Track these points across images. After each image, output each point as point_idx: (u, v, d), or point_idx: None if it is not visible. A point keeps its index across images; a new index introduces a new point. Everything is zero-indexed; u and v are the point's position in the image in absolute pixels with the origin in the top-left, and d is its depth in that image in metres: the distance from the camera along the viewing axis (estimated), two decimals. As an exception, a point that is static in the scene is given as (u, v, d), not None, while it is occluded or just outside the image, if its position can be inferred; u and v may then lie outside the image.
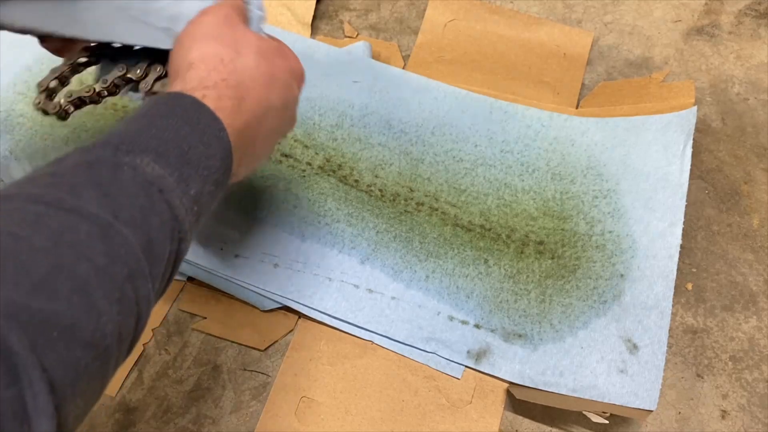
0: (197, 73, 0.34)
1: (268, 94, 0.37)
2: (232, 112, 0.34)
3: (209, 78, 0.34)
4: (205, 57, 0.35)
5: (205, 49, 0.35)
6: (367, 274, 0.55)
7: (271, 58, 0.38)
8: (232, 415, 0.52)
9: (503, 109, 0.61)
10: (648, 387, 0.49)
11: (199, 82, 0.33)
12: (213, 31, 0.36)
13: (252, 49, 0.36)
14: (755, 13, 0.69)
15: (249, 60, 0.36)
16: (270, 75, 0.37)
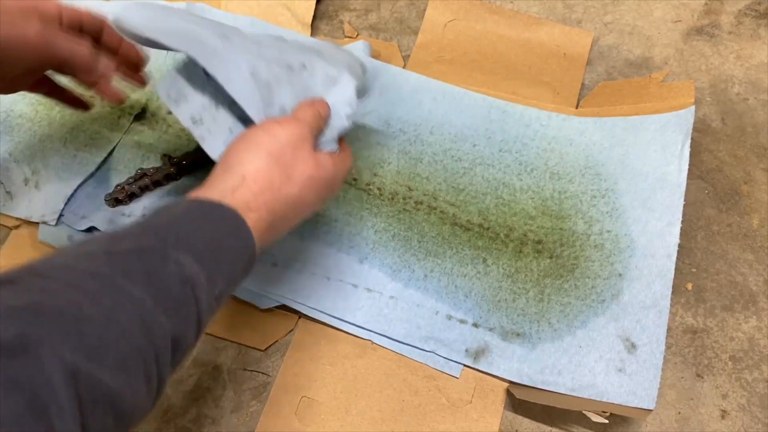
0: (246, 192, 0.37)
1: (298, 217, 0.41)
2: (264, 231, 0.38)
3: (255, 201, 0.37)
4: (258, 177, 0.38)
5: (261, 167, 0.38)
6: (365, 273, 0.55)
7: (318, 188, 0.41)
8: (232, 415, 0.52)
9: (502, 109, 0.61)
10: (646, 386, 0.49)
11: (245, 204, 0.37)
12: (277, 150, 0.39)
13: (303, 179, 0.40)
14: (755, 13, 0.69)
15: (295, 189, 0.40)
16: (309, 204, 0.41)
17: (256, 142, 0.39)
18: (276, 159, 0.39)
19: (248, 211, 0.37)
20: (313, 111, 0.43)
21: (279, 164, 0.39)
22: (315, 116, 0.43)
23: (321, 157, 0.42)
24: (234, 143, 0.40)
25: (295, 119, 0.41)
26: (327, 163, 0.42)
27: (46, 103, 0.62)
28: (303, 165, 0.40)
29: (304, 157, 0.40)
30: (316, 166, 0.41)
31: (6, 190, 0.59)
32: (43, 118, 0.62)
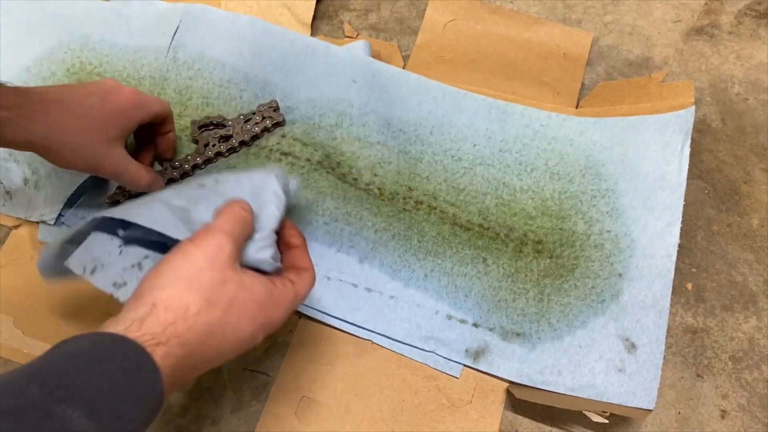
0: (154, 323, 0.33)
1: (220, 350, 0.36)
2: (177, 367, 0.33)
3: (164, 333, 0.33)
4: (169, 304, 0.34)
5: (173, 293, 0.34)
6: (365, 273, 0.55)
7: (248, 311, 0.37)
8: (232, 415, 0.52)
9: (502, 109, 0.61)
10: (646, 386, 0.49)
11: (153, 337, 0.32)
12: (192, 272, 0.35)
13: (225, 302, 0.35)
14: (755, 13, 0.69)
15: (216, 315, 0.35)
16: (239, 331, 0.36)
17: (169, 266, 0.35)
18: (189, 282, 0.35)
19: (156, 345, 0.32)
20: (230, 214, 0.39)
21: (194, 288, 0.34)
22: (233, 219, 0.39)
23: (246, 278, 0.37)
24: (150, 270, 0.36)
25: (209, 230, 0.37)
26: (255, 284, 0.38)
27: (46, 103, 0.62)
28: (224, 285, 0.36)
29: (224, 277, 0.36)
30: (241, 286, 0.36)
31: (6, 189, 0.59)
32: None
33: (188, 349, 0.33)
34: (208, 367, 0.36)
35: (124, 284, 0.41)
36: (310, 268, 0.43)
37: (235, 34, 0.64)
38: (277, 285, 0.39)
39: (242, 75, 0.63)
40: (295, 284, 0.41)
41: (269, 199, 0.43)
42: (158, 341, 0.32)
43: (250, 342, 0.38)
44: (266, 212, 0.42)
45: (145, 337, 0.32)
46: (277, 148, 0.60)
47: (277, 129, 0.61)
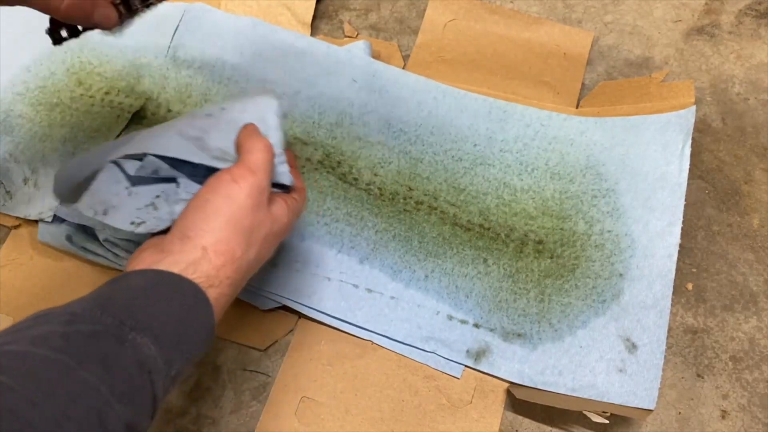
0: (208, 266, 0.36)
1: (253, 269, 0.40)
2: (224, 304, 0.37)
3: (217, 276, 0.36)
4: (218, 249, 0.36)
5: (221, 238, 0.37)
6: (366, 273, 0.55)
7: (273, 243, 0.41)
8: (232, 415, 0.52)
9: (502, 109, 0.61)
10: (647, 386, 0.49)
11: (207, 279, 0.35)
12: (236, 216, 0.37)
13: (260, 240, 0.39)
14: (755, 13, 0.69)
15: (253, 253, 0.38)
16: (263, 261, 0.40)
17: (214, 209, 0.37)
18: (235, 226, 0.37)
19: (210, 287, 0.35)
20: (262, 150, 0.40)
21: (239, 232, 0.37)
22: (267, 158, 0.40)
23: (276, 209, 0.40)
24: (191, 208, 0.38)
25: (250, 170, 0.39)
26: (282, 215, 0.41)
27: (46, 102, 0.62)
28: (261, 225, 0.39)
29: (261, 218, 0.39)
30: (272, 222, 0.40)
31: (6, 189, 0.59)
32: (43, 118, 0.61)
33: (235, 288, 0.37)
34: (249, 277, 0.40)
35: (142, 222, 0.41)
36: (304, 187, 0.46)
37: (236, 34, 0.64)
38: (290, 207, 0.42)
39: (242, 73, 0.63)
40: (299, 204, 0.44)
41: (275, 121, 0.44)
42: (211, 283, 0.35)
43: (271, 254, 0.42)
44: (276, 133, 0.44)
45: (201, 278, 0.35)
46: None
47: None
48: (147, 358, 0.31)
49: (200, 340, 0.35)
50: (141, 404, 0.30)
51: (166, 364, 0.32)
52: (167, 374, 0.32)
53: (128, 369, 0.30)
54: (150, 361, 0.31)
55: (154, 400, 0.31)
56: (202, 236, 0.36)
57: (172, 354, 0.33)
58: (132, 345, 0.31)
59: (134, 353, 0.31)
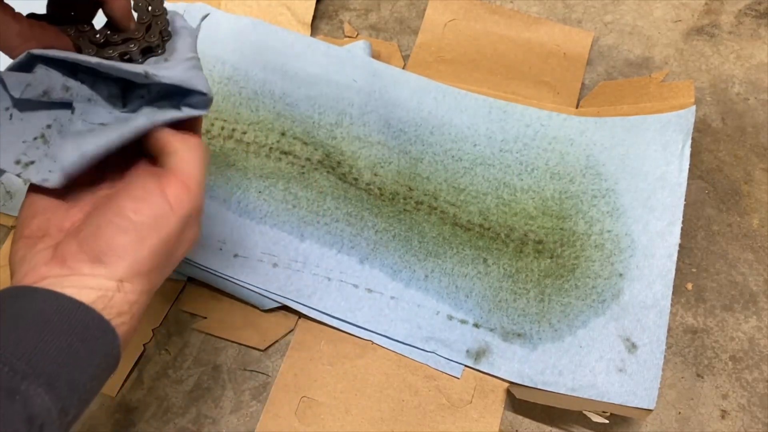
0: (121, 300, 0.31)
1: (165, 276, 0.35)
2: (132, 334, 0.33)
3: (129, 312, 0.32)
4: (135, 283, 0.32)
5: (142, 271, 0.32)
6: (366, 273, 0.55)
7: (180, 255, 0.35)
8: (232, 415, 0.52)
9: (502, 109, 0.61)
10: (647, 386, 0.49)
11: (119, 314, 0.31)
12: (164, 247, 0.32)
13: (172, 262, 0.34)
14: (755, 13, 0.69)
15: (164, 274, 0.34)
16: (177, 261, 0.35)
17: (138, 236, 0.31)
18: (160, 256, 0.32)
19: (121, 323, 0.31)
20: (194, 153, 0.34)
21: (162, 262, 0.33)
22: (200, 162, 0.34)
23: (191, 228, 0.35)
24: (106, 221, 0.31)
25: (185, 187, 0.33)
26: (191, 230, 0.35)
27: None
28: (177, 246, 0.34)
29: (181, 237, 0.34)
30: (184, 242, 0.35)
31: (6, 190, 0.59)
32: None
33: (142, 313, 0.33)
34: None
35: (30, 163, 0.33)
36: (198, 137, 0.37)
37: (236, 34, 0.64)
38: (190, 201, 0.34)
39: (242, 73, 0.63)
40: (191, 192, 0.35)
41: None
42: (123, 320, 0.31)
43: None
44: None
45: (112, 314, 0.31)
46: (277, 147, 0.60)
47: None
48: (40, 411, 0.27)
49: (100, 381, 0.30)
50: None
51: (61, 413, 0.28)
52: (62, 423, 0.28)
53: (17, 428, 0.26)
54: (43, 414, 0.27)
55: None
56: (118, 265, 0.31)
57: (69, 400, 0.28)
58: (23, 398, 0.26)
59: (25, 409, 0.26)
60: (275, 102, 0.62)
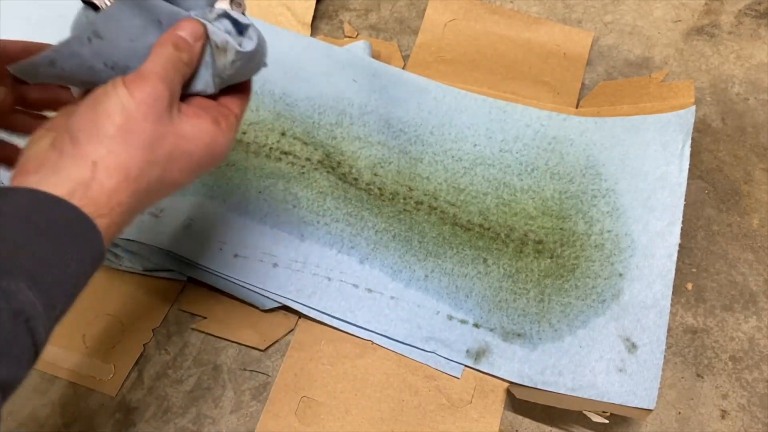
0: (98, 190, 0.30)
1: (159, 199, 0.34)
2: (116, 232, 0.32)
3: (108, 204, 0.31)
4: (110, 165, 0.31)
5: (114, 150, 0.31)
6: (366, 273, 0.55)
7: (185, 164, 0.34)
8: (232, 415, 0.52)
9: (502, 109, 0.61)
10: (647, 386, 0.49)
11: (96, 207, 0.30)
12: (129, 124, 0.31)
13: (163, 159, 0.33)
14: (755, 13, 0.69)
15: (154, 174, 0.32)
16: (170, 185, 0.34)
17: (105, 111, 0.31)
18: (129, 136, 0.31)
19: (99, 216, 0.30)
20: (162, 56, 0.33)
21: (133, 143, 0.31)
22: (169, 61, 0.33)
23: (187, 127, 0.34)
24: (83, 105, 0.32)
25: (141, 77, 0.32)
26: (196, 133, 0.34)
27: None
28: (162, 140, 0.32)
29: (162, 131, 0.32)
30: (180, 138, 0.33)
31: (6, 189, 0.59)
32: (42, 117, 0.62)
33: (130, 213, 0.32)
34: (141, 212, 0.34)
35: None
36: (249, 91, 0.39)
37: (236, 34, 0.64)
38: (221, 126, 0.35)
39: (242, 74, 0.63)
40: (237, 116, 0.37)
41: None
42: (101, 212, 0.30)
43: (184, 185, 0.36)
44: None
45: (89, 207, 0.30)
46: (277, 147, 0.60)
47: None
48: (24, 306, 0.27)
49: (86, 276, 0.30)
50: (18, 357, 0.27)
51: (48, 308, 0.28)
52: (50, 317, 0.28)
53: (1, 323, 0.26)
54: (28, 308, 0.27)
55: (34, 346, 0.28)
56: (92, 143, 0.31)
57: (54, 296, 0.29)
58: (5, 294, 0.27)
59: (8, 304, 0.27)
60: (275, 102, 0.62)
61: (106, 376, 0.53)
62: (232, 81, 0.37)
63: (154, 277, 0.57)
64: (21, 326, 0.27)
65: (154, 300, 0.56)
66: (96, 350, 0.54)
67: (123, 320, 0.55)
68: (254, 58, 0.37)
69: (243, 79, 0.38)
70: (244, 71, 0.37)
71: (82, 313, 0.55)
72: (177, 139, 0.33)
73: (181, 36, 0.34)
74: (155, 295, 0.56)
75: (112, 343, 0.54)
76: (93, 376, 0.53)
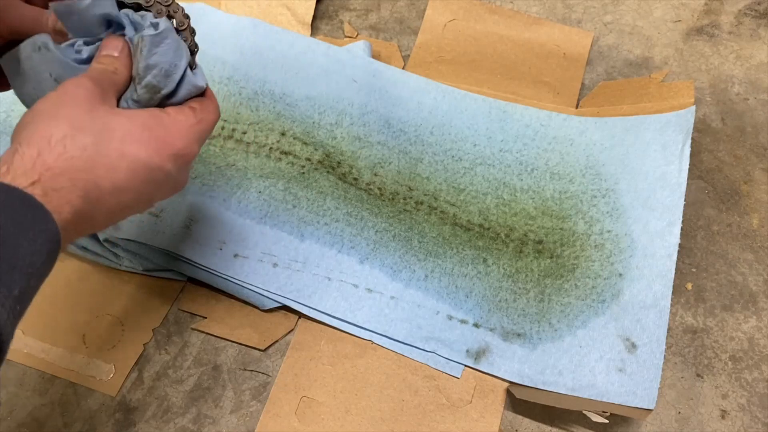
0: (20, 159, 0.31)
1: (115, 178, 0.33)
2: (68, 204, 0.31)
3: (33, 169, 0.30)
4: (32, 139, 0.31)
5: (35, 129, 0.32)
6: (366, 273, 0.55)
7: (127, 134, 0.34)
8: (232, 415, 0.52)
9: (502, 109, 0.61)
10: (646, 386, 0.49)
11: (24, 174, 0.30)
12: (51, 107, 0.33)
13: (95, 128, 0.33)
14: (755, 13, 0.69)
15: (86, 139, 0.32)
16: (120, 156, 0.33)
17: (36, 109, 0.33)
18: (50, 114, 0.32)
19: (31, 184, 0.30)
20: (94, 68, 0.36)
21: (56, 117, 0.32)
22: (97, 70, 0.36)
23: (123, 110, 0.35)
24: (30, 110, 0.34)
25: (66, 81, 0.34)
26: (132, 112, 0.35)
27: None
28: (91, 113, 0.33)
29: (91, 107, 0.33)
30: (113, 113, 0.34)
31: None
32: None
33: (69, 179, 0.31)
34: (116, 198, 0.34)
35: None
36: (212, 96, 0.41)
37: (236, 34, 0.64)
38: (168, 111, 0.37)
39: (242, 73, 0.63)
40: (197, 110, 0.38)
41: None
42: (31, 179, 0.30)
43: (158, 171, 0.35)
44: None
45: (17, 179, 0.30)
46: (277, 147, 0.60)
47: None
48: None
49: (40, 251, 0.30)
50: None
51: (2, 287, 0.28)
52: (8, 296, 0.28)
53: None
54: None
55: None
56: (18, 133, 0.32)
57: (7, 274, 0.28)
58: None
59: None
60: (275, 102, 0.62)
61: (106, 376, 0.53)
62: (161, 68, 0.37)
63: (154, 277, 0.57)
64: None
65: (154, 300, 0.56)
66: (96, 350, 0.54)
67: (123, 320, 0.55)
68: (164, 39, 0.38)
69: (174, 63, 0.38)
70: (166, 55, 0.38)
71: (82, 313, 0.55)
72: (109, 113, 0.34)
73: (102, 54, 0.37)
74: (155, 295, 0.56)
75: (112, 343, 0.54)
76: (93, 376, 0.53)
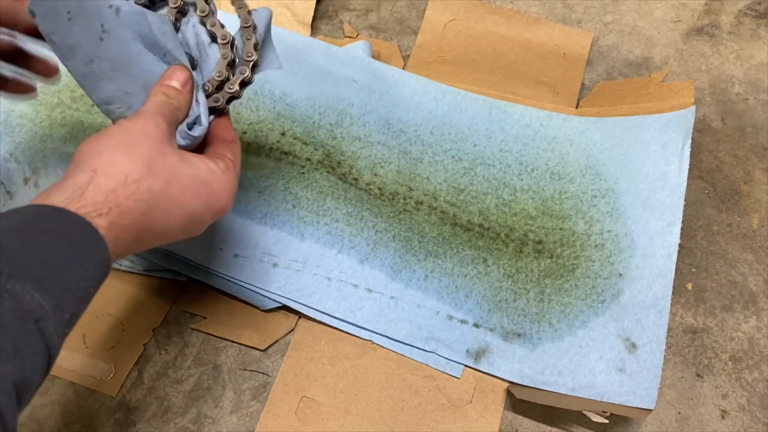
0: (96, 190, 0.32)
1: (166, 223, 0.36)
2: (120, 236, 0.33)
3: (106, 202, 0.32)
4: (109, 171, 0.33)
5: (113, 159, 0.33)
6: (366, 273, 0.55)
7: (189, 185, 0.36)
8: (232, 415, 0.52)
9: (502, 109, 0.61)
10: (647, 386, 0.49)
11: (95, 206, 0.32)
12: (130, 141, 0.34)
13: (166, 172, 0.35)
14: (755, 13, 0.69)
15: (156, 184, 0.34)
16: (178, 205, 0.36)
17: (106, 134, 0.35)
18: (129, 148, 0.34)
19: (99, 215, 0.32)
20: (159, 100, 0.38)
21: (134, 154, 0.34)
22: (162, 104, 0.37)
23: (187, 155, 0.37)
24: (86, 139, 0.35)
25: (140, 114, 0.36)
26: (195, 160, 0.37)
27: (46, 103, 0.62)
28: (164, 156, 0.35)
29: (164, 149, 0.35)
30: (181, 159, 0.36)
31: (6, 190, 0.59)
32: (43, 118, 0.62)
33: (131, 218, 0.33)
34: (156, 241, 0.36)
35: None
36: (236, 139, 0.43)
37: (236, 34, 0.64)
38: (218, 164, 0.38)
39: (242, 74, 0.63)
40: (233, 161, 0.40)
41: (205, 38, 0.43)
42: (100, 212, 0.32)
43: (198, 223, 0.38)
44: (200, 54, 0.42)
45: (87, 208, 0.32)
46: (277, 147, 0.60)
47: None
48: (32, 307, 0.28)
49: (93, 276, 0.32)
50: (30, 358, 0.28)
51: (56, 309, 0.29)
52: (60, 319, 0.29)
53: (7, 323, 0.27)
54: (36, 309, 0.28)
55: (47, 349, 0.29)
56: (91, 159, 0.33)
57: (62, 297, 0.29)
58: (11, 296, 0.27)
59: (15, 305, 0.27)
60: (275, 102, 0.62)
61: (106, 376, 0.53)
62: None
63: (154, 277, 0.57)
64: (31, 326, 0.28)
65: (154, 300, 0.56)
66: (96, 350, 0.54)
67: (123, 320, 0.55)
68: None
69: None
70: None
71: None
72: (179, 159, 0.36)
73: (170, 85, 0.38)
74: (155, 295, 0.56)
75: (112, 343, 0.54)
76: (93, 376, 0.53)
